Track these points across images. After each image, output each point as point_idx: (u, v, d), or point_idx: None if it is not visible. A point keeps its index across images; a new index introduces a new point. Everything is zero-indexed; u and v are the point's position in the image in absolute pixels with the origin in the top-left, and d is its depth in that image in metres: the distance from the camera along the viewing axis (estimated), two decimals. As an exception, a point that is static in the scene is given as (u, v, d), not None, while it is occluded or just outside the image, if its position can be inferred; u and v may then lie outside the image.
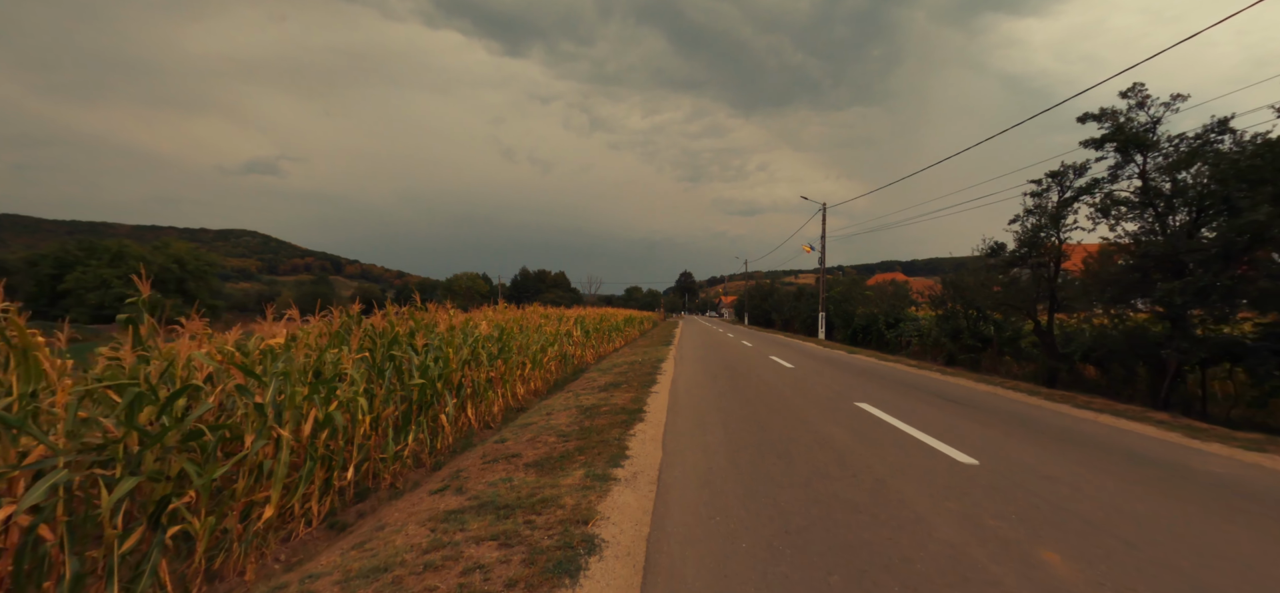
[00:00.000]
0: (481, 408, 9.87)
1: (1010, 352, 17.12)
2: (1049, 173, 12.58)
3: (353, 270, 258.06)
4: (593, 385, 11.47)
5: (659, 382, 11.18)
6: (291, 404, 5.09)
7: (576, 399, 9.54)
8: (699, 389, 9.93)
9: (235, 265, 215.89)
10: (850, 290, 31.66)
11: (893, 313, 25.79)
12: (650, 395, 9.33)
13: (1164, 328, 9.90)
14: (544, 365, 14.33)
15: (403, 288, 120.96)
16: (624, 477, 4.82)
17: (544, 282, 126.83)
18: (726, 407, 8.08)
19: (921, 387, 10.43)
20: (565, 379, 15.40)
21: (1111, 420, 7.43)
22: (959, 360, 18.85)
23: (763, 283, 68.62)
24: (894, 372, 13.34)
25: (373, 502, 6.04)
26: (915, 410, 7.76)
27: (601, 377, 12.91)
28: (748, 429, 6.56)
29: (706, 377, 11.82)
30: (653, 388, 10.23)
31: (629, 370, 13.72)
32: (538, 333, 14.29)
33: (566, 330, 18.37)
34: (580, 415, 7.89)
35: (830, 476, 4.66)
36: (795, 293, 43.35)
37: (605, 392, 10.16)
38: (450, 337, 8.57)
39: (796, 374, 12.32)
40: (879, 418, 7.16)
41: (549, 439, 6.50)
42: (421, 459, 7.40)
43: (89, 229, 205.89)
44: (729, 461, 5.23)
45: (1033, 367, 15.84)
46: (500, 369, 11.02)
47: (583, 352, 20.08)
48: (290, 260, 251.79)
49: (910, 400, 8.60)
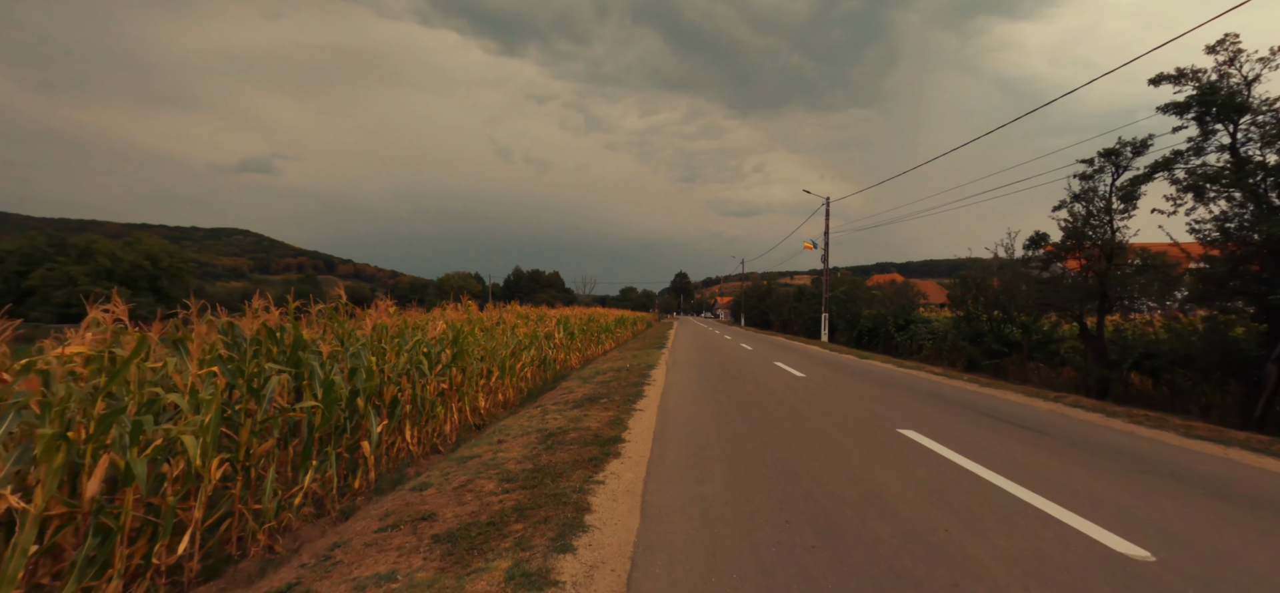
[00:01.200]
0: (428, 428, 8.01)
1: (1041, 357, 15.34)
2: (1103, 151, 10.79)
3: (346, 270, 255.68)
4: (568, 398, 9.60)
5: (647, 394, 9.32)
6: (48, 453, 3.20)
7: (542, 419, 7.66)
8: (694, 405, 8.08)
9: (227, 264, 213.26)
10: (854, 290, 29.86)
11: (902, 314, 23.99)
12: (634, 415, 7.46)
13: (1256, 331, 8.15)
14: (517, 373, 12.46)
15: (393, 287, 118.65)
16: (573, 575, 2.96)
17: (537, 282, 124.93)
18: (731, 434, 6.22)
19: (964, 402, 8.60)
20: (542, 387, 13.53)
21: (1254, 459, 5.59)
22: (981, 366, 17.05)
23: (760, 283, 66.86)
24: (919, 381, 11.52)
25: (227, 581, 4.15)
26: (981, 442, 5.91)
27: (581, 387, 11.04)
28: (764, 476, 4.69)
29: (703, 388, 9.96)
30: (638, 404, 8.38)
31: (614, 379, 11.86)
32: (509, 336, 12.41)
33: (547, 333, 16.49)
34: (540, 445, 6.02)
35: (918, 584, 2.80)
36: (795, 293, 41.54)
37: (580, 408, 8.30)
38: (375, 342, 6.68)
39: (810, 385, 10.48)
40: (942, 457, 5.30)
41: (485, 488, 4.63)
42: (327, 506, 5.53)
43: (79, 227, 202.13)
44: (743, 540, 3.37)
45: (1071, 374, 14.06)
46: (456, 379, 9.16)
47: (566, 355, 18.22)
48: (283, 259, 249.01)
49: (964, 424, 6.75)
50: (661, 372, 12.99)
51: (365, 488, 6.14)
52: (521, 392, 12.54)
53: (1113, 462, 5.29)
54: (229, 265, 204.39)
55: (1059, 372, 14.91)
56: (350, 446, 6.44)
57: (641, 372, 12.85)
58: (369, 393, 6.48)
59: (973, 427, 6.61)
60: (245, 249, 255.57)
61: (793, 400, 8.51)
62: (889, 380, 11.48)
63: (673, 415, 7.40)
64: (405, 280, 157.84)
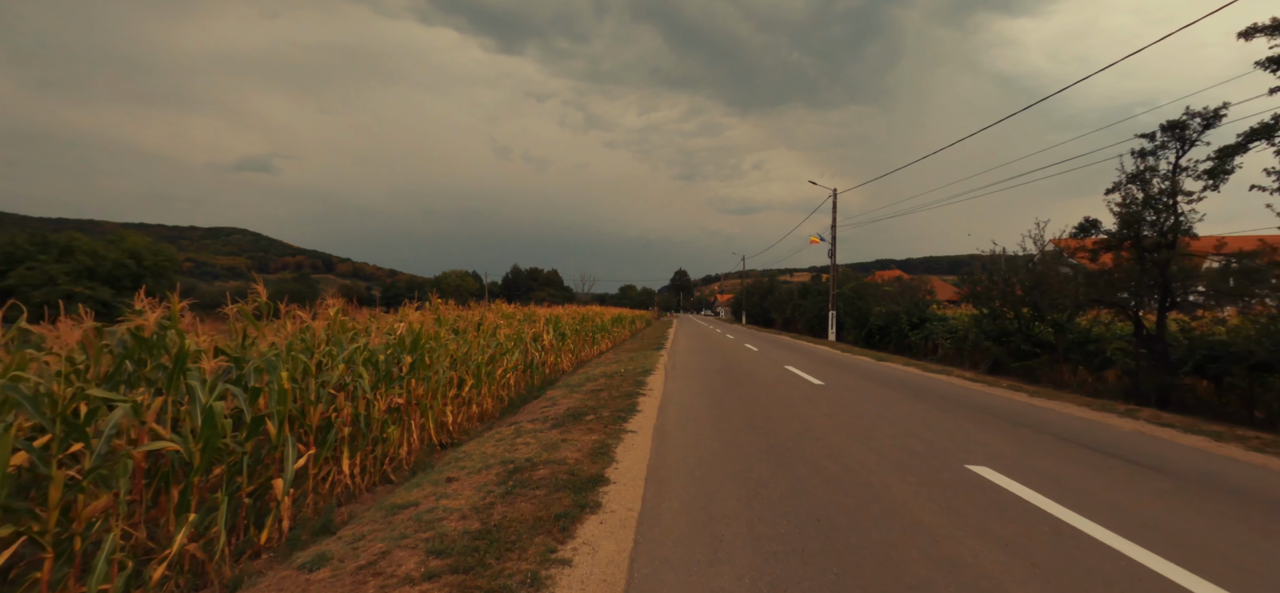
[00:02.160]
0: (377, 454, 6.61)
1: (1078, 358, 13.90)
2: (1166, 124, 9.36)
3: (345, 268, 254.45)
4: (550, 412, 8.18)
5: (641, 409, 7.90)
6: None
7: (512, 443, 6.22)
8: (697, 426, 6.66)
9: (225, 264, 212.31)
10: (862, 287, 28.41)
11: (916, 312, 22.54)
12: (623, 439, 6.03)
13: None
14: (497, 380, 11.04)
15: (390, 285, 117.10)
16: None
17: (536, 280, 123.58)
18: (748, 473, 4.79)
19: (1024, 419, 7.18)
20: (527, 394, 12.12)
21: None
22: (1010, 369, 15.63)
23: (761, 280, 65.40)
24: (955, 390, 10.09)
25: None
26: (1092, 489, 4.44)
27: (567, 397, 9.62)
28: (806, 549, 3.25)
29: (707, 401, 8.53)
30: (630, 422, 6.95)
31: (606, 387, 10.44)
32: (488, 339, 10.99)
33: (534, 334, 15.07)
34: (498, 487, 4.59)
35: None
36: (799, 290, 40.05)
37: (561, 427, 6.87)
38: (289, 354, 5.23)
39: (833, 396, 9.05)
40: (1051, 516, 3.82)
41: (401, 569, 3.20)
42: (210, 574, 4.12)
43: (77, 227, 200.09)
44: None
45: (1115, 377, 12.64)
46: (417, 392, 7.75)
47: (556, 358, 16.80)
48: (281, 258, 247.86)
49: (1048, 456, 5.30)
50: (659, 378, 11.57)
51: (277, 540, 4.73)
52: (503, 401, 11.14)
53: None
54: (227, 264, 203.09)
55: (1100, 375, 13.50)
56: (262, 486, 5.05)
57: (637, 378, 11.43)
58: (282, 418, 5.07)
59: (1062, 460, 5.17)
60: (244, 248, 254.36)
61: (817, 419, 7.08)
62: (922, 389, 10.05)
63: (672, 441, 5.97)
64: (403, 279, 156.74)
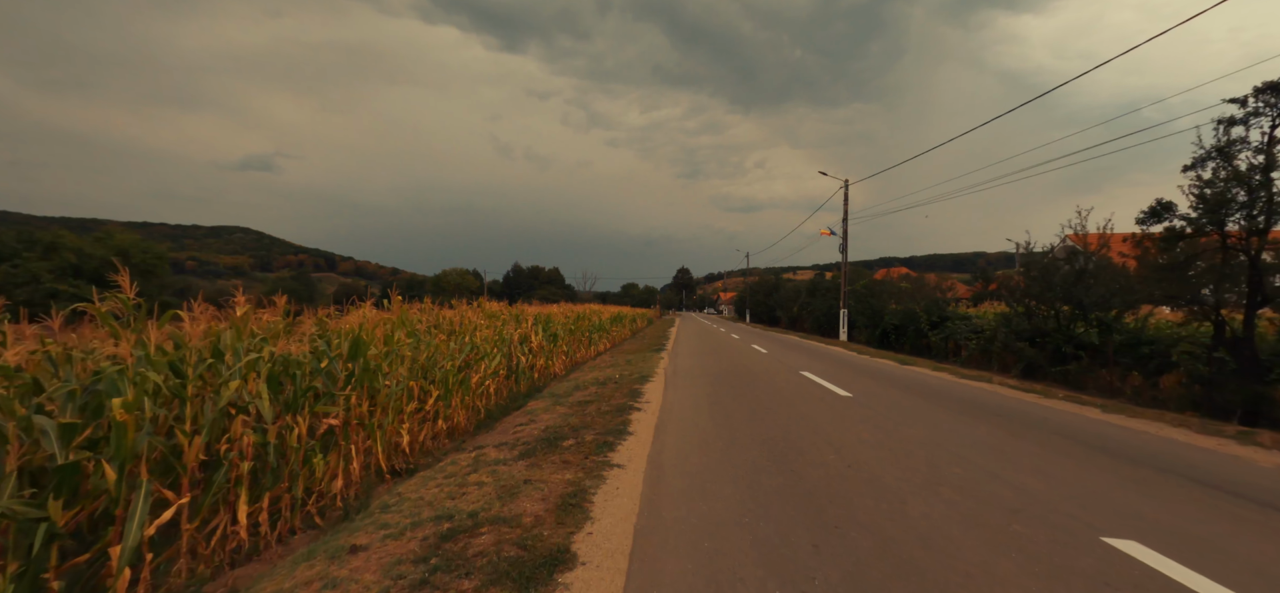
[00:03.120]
0: (297, 493, 5.18)
1: (1128, 361, 12.37)
2: (1260, 86, 7.85)
3: (346, 267, 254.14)
4: (523, 434, 6.72)
5: (634, 428, 6.43)
6: None
7: (460, 486, 4.75)
8: (704, 456, 5.18)
9: (228, 262, 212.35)
10: (875, 285, 26.86)
11: (935, 310, 20.99)
12: (605, 482, 4.55)
13: None
14: (473, 389, 9.60)
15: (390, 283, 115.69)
16: None
17: (537, 278, 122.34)
18: (786, 551, 3.30)
19: (1136, 455, 5.68)
20: (510, 404, 10.68)
21: None
22: (1047, 373, 14.11)
23: (766, 278, 63.85)
24: (1011, 404, 8.60)
25: None
26: None
27: (549, 411, 8.15)
28: None
29: (716, 420, 7.04)
30: (618, 449, 5.49)
31: (595, 399, 8.98)
32: (459, 342, 9.53)
33: (521, 336, 13.62)
34: (414, 577, 3.13)
35: None
36: (808, 287, 38.47)
37: (530, 458, 5.40)
38: (136, 373, 3.76)
39: (868, 413, 7.56)
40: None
41: None
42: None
43: (80, 226, 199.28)
44: None
45: (1181, 386, 11.10)
46: (359, 409, 6.32)
47: (547, 361, 15.35)
48: (284, 257, 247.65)
49: (1217, 524, 3.76)
50: (658, 386, 10.09)
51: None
52: (479, 412, 9.69)
53: None
54: (230, 263, 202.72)
55: (1155, 381, 11.97)
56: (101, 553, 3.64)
57: (632, 387, 9.96)
58: (124, 458, 3.63)
59: (1226, 524, 3.65)
60: (246, 247, 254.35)
61: (856, 448, 5.58)
62: (968, 403, 8.54)
63: (670, 483, 4.50)
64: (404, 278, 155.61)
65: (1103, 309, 13.12)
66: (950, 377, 12.13)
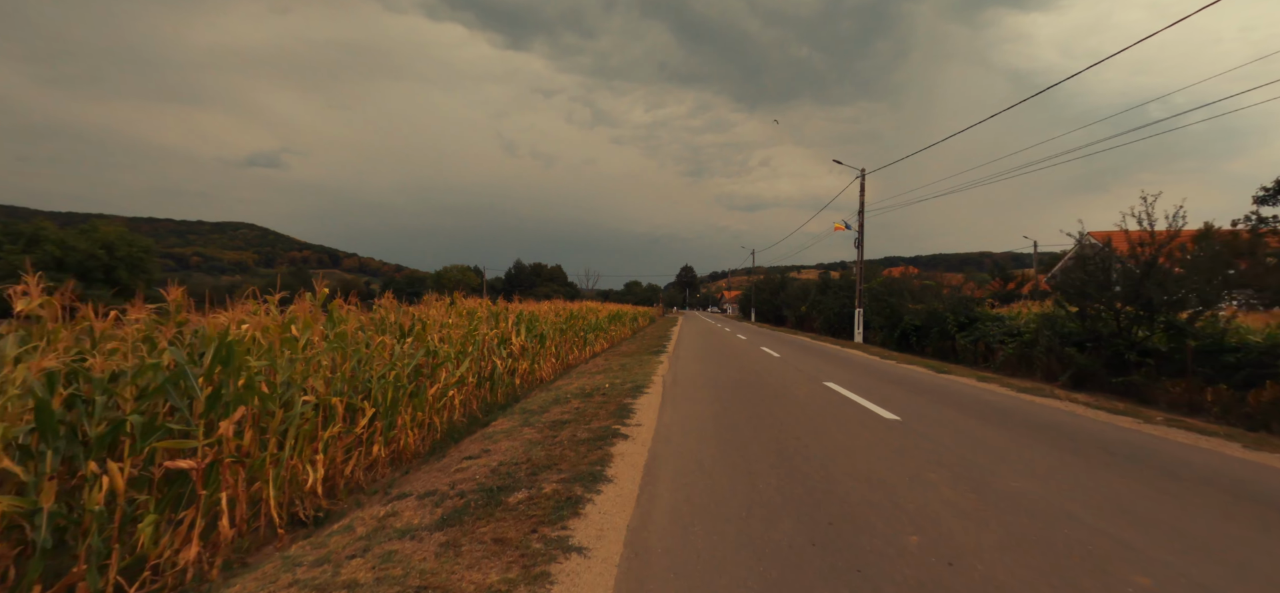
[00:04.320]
0: (86, 582, 3.46)
1: (1208, 370, 10.51)
2: None
3: (350, 263, 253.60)
4: (462, 478, 4.95)
5: (615, 472, 4.67)
6: None
7: (334, 573, 3.03)
8: (712, 534, 3.35)
9: (232, 258, 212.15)
10: (893, 282, 24.98)
11: (963, 311, 19.11)
12: (564, 565, 2.82)
13: None
14: (430, 403, 7.88)
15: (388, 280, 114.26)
16: None
17: (539, 275, 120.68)
18: None
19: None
20: (478, 420, 8.97)
21: None
22: (1104, 383, 12.27)
23: (773, 276, 61.94)
24: (1109, 433, 6.79)
25: None
26: None
27: (509, 439, 6.40)
28: None
29: (726, 455, 5.25)
30: (584, 513, 3.71)
31: (575, 416, 7.23)
32: (408, 348, 7.79)
33: (500, 336, 11.88)
34: None
35: None
36: (819, 285, 36.58)
37: (447, 534, 3.63)
38: None
39: (929, 448, 5.77)
40: None
41: None
42: None
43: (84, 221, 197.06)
44: None
45: (1267, 398, 9.27)
46: (235, 445, 4.59)
47: (532, 364, 13.62)
48: (288, 253, 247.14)
49: None
50: (653, 401, 8.33)
51: None
52: (437, 430, 7.97)
53: None
54: (234, 259, 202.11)
55: (1243, 395, 10.12)
56: None
57: (622, 401, 8.20)
58: None
59: None
60: (251, 243, 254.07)
61: (946, 524, 3.79)
62: (1053, 430, 6.74)
63: (660, 577, 2.74)
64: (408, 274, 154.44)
65: (1175, 310, 11.29)
66: (1001, 389, 10.32)
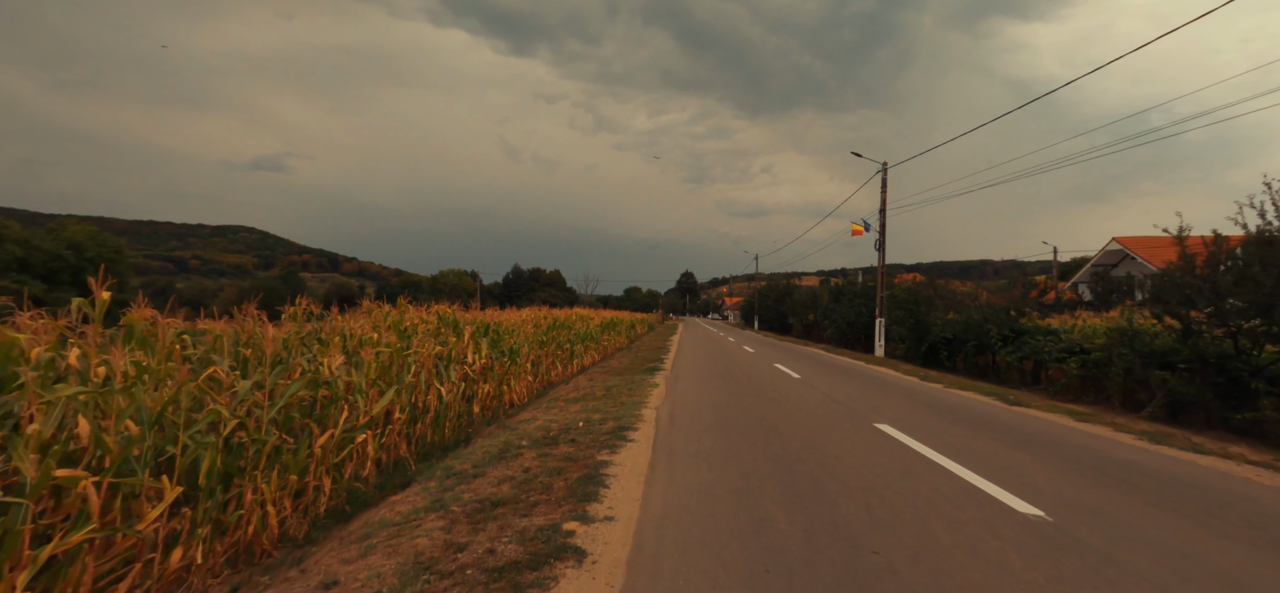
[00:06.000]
0: None
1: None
2: None
3: (350, 267, 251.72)
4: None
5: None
6: None
7: None
8: None
9: (232, 262, 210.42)
10: (919, 288, 22.45)
11: (1008, 322, 16.56)
12: None
13: None
14: (318, 460, 5.35)
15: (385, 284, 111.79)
16: None
17: (537, 280, 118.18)
18: None
19: None
20: (392, 482, 6.48)
21: None
22: (1204, 416, 9.72)
23: (777, 282, 59.36)
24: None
25: None
26: None
27: (392, 542, 3.90)
28: None
29: None
30: None
31: (522, 487, 4.71)
32: (276, 379, 5.28)
33: (450, 354, 9.36)
34: None
35: None
36: (833, 292, 34.00)
37: None
38: None
39: (1129, 581, 3.26)
40: None
41: None
42: None
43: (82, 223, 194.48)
44: None
45: None
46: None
47: (500, 387, 11.11)
48: (288, 257, 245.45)
49: None
50: (641, 454, 5.79)
51: None
52: (317, 504, 5.45)
53: None
54: (234, 262, 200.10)
55: None
56: None
57: (596, 456, 5.66)
58: None
59: None
60: (251, 246, 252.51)
61: None
62: (1269, 521, 4.22)
63: None
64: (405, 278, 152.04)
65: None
66: (1107, 432, 7.75)
